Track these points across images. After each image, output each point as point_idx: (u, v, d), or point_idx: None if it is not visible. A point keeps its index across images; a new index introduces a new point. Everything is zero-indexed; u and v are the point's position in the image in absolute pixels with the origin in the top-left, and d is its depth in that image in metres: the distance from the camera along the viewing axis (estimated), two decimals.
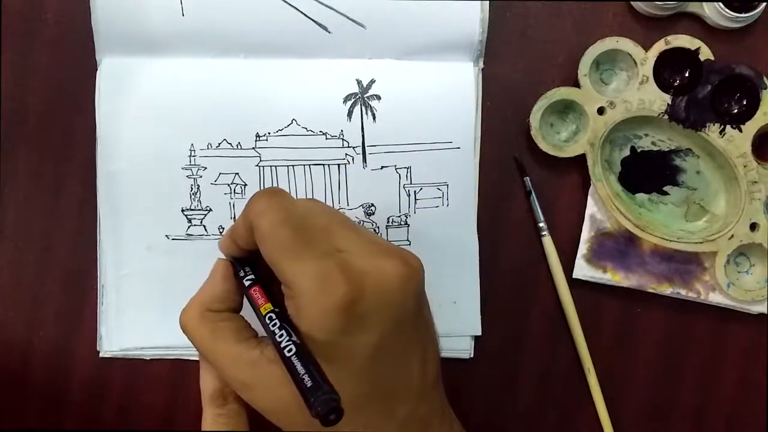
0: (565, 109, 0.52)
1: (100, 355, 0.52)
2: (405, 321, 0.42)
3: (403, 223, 0.52)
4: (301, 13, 0.50)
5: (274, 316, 0.41)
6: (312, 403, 0.36)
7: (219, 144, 0.51)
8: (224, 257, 0.45)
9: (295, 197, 0.44)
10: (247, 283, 0.43)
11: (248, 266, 0.44)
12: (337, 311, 0.39)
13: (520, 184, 0.53)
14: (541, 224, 0.53)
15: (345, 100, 0.51)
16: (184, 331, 0.44)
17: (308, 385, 0.37)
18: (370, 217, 0.52)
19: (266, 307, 0.42)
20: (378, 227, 0.52)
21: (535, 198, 0.53)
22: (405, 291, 0.41)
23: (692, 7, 0.52)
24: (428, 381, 0.44)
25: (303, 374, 0.38)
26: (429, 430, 0.44)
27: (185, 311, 0.44)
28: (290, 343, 0.39)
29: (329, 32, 0.51)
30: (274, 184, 0.52)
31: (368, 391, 0.41)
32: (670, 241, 0.52)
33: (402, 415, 0.43)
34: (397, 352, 0.42)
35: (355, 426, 0.41)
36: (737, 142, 0.51)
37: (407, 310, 0.42)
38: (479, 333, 0.53)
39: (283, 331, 0.40)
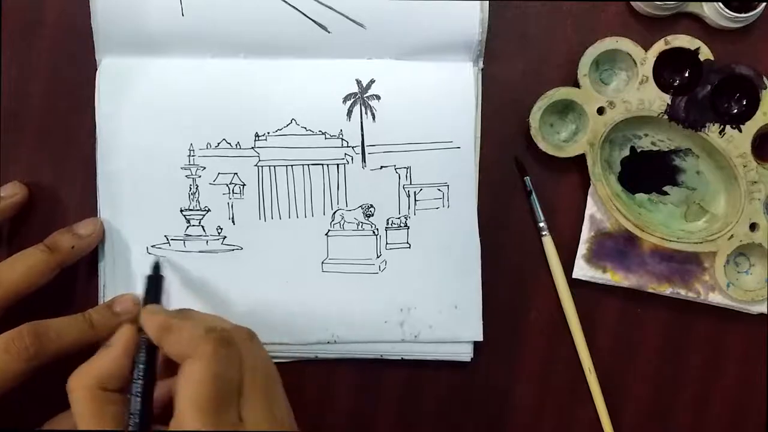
0: (564, 109, 0.52)
1: None
2: None
3: (402, 224, 0.52)
4: (301, 13, 0.50)
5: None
6: None
7: (218, 144, 0.51)
8: (129, 328, 0.45)
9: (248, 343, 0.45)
10: (140, 381, 0.44)
11: (152, 353, 0.44)
12: None
13: (520, 184, 0.53)
14: (541, 224, 0.53)
15: (344, 100, 0.51)
16: (68, 392, 0.43)
17: None
18: (369, 219, 0.52)
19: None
20: (377, 229, 0.52)
21: (535, 198, 0.53)
22: None
23: (692, 7, 0.52)
24: None
25: None
26: None
27: (76, 378, 0.43)
28: None
29: (329, 32, 0.51)
30: (273, 184, 0.52)
31: None
32: (670, 241, 0.52)
33: None
34: None
35: None
36: (737, 142, 0.51)
37: None
38: (480, 338, 0.52)
39: None
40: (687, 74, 0.52)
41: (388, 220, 0.52)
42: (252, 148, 0.51)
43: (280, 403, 0.46)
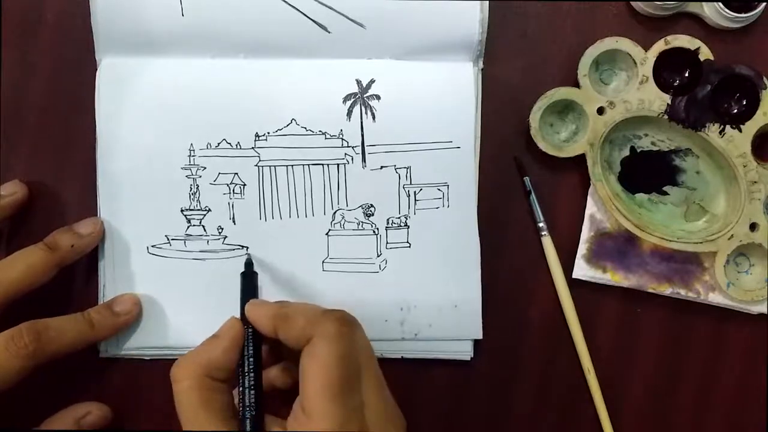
0: (564, 109, 0.52)
1: (100, 355, 0.52)
2: None
3: (402, 224, 0.52)
4: (301, 13, 0.50)
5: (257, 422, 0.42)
6: None
7: (218, 144, 0.51)
8: (238, 323, 0.45)
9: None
10: (249, 369, 0.44)
11: (256, 340, 0.45)
12: None
13: (519, 184, 0.53)
14: (541, 224, 0.53)
15: (345, 100, 0.51)
16: (173, 383, 0.43)
17: None
18: (370, 218, 0.52)
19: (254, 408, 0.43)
20: (377, 229, 0.52)
21: (534, 198, 0.53)
22: None
23: (692, 7, 0.52)
24: None
25: None
26: None
27: (182, 366, 0.43)
28: None
29: (329, 32, 0.51)
30: (274, 184, 0.52)
31: None
32: (670, 241, 0.52)
33: None
34: None
35: None
36: (737, 142, 0.51)
37: None
38: (480, 337, 0.53)
39: None
40: (687, 74, 0.52)
41: (388, 219, 0.52)
42: (252, 148, 0.51)
43: (384, 384, 0.45)
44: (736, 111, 0.52)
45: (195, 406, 0.42)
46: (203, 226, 0.52)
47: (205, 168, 0.51)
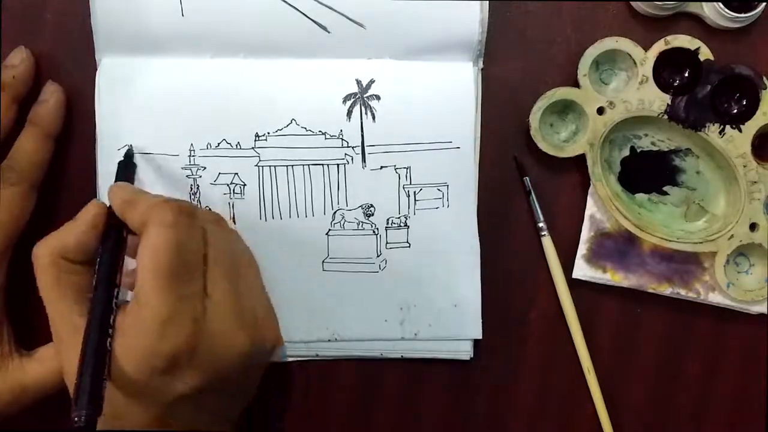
0: (564, 109, 0.52)
1: None
2: (223, 383, 0.43)
3: (402, 224, 0.52)
4: (301, 13, 0.50)
5: (104, 308, 0.41)
6: (77, 404, 0.37)
7: (218, 144, 0.51)
8: (97, 202, 0.46)
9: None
10: (104, 253, 0.44)
11: (119, 228, 0.45)
12: (162, 356, 0.40)
13: (519, 184, 0.53)
14: (541, 224, 0.53)
15: (344, 100, 0.51)
16: (33, 261, 0.44)
17: (81, 388, 0.38)
18: (369, 218, 0.52)
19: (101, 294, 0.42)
20: (377, 229, 0.52)
21: (534, 198, 0.53)
22: (236, 363, 0.43)
23: (692, 7, 0.52)
24: None
25: (89, 376, 0.38)
26: None
27: (41, 245, 0.44)
28: (100, 341, 0.40)
29: (329, 32, 0.51)
30: (274, 184, 0.52)
31: (150, 425, 0.42)
32: (670, 241, 0.52)
33: None
34: (199, 404, 0.43)
35: None
36: (737, 142, 0.51)
37: (230, 377, 0.43)
38: (480, 336, 0.53)
39: (101, 327, 0.41)
40: (687, 74, 0.52)
41: (388, 219, 0.52)
42: (252, 148, 0.51)
43: (251, 286, 0.46)
44: (736, 111, 0.52)
45: (49, 285, 0.43)
46: None
47: (205, 168, 0.51)
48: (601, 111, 0.51)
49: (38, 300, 0.44)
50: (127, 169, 0.49)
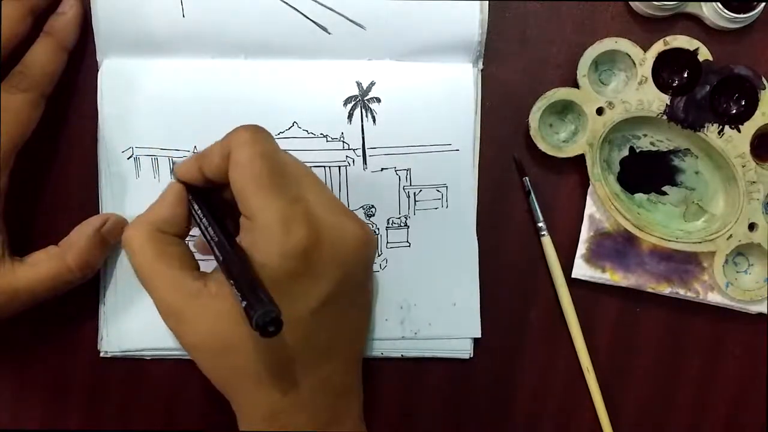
0: (564, 109, 0.53)
1: (101, 355, 0.52)
2: (352, 284, 0.44)
3: (402, 224, 0.52)
4: (301, 14, 0.50)
5: (225, 242, 0.41)
6: (251, 313, 0.37)
7: None
8: (176, 182, 0.46)
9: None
10: (200, 211, 0.44)
11: (201, 196, 0.45)
12: (295, 254, 0.40)
13: (519, 184, 0.53)
14: (540, 224, 0.53)
15: (345, 103, 0.51)
16: (125, 247, 0.44)
17: (250, 297, 0.37)
18: (370, 219, 0.52)
19: (218, 233, 0.42)
20: (378, 228, 0.52)
21: (534, 198, 0.53)
22: (359, 254, 0.43)
23: (691, 8, 0.52)
24: (355, 353, 0.46)
25: (247, 289, 0.38)
26: (339, 401, 0.45)
27: (132, 227, 0.44)
28: (238, 261, 0.40)
29: (329, 33, 0.51)
30: None
31: (300, 339, 0.42)
32: (669, 241, 0.52)
33: (322, 375, 0.43)
34: (337, 312, 0.43)
35: (273, 370, 0.42)
36: (736, 142, 0.51)
37: (357, 275, 0.44)
38: (479, 335, 0.53)
39: (233, 253, 0.40)
40: (686, 75, 0.52)
41: (388, 220, 0.53)
42: None
43: (330, 191, 0.46)
44: (734, 111, 0.52)
45: (151, 259, 0.43)
46: None
47: None
48: (600, 111, 0.51)
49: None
50: None
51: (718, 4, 0.51)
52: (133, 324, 0.52)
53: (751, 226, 0.52)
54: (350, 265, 0.43)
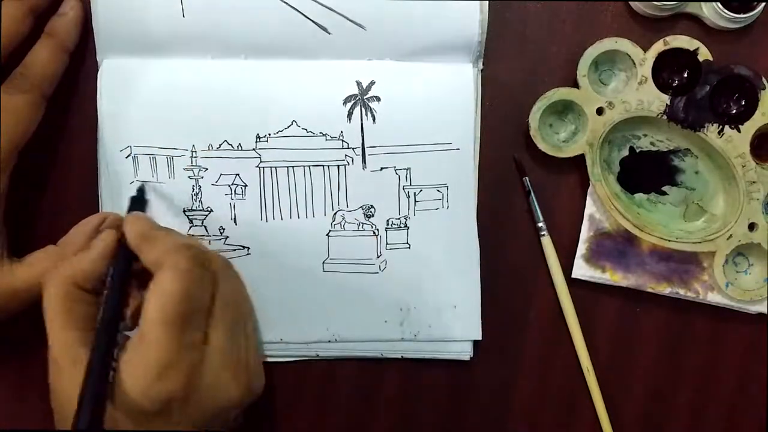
0: (564, 109, 0.53)
1: None
2: (212, 427, 0.44)
3: (402, 225, 0.52)
4: (301, 14, 0.50)
5: (109, 338, 0.42)
6: (79, 417, 0.39)
7: (220, 145, 0.51)
8: (110, 233, 0.46)
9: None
10: (113, 283, 0.44)
11: (128, 258, 0.45)
12: (158, 399, 0.41)
13: (519, 184, 0.53)
14: (540, 224, 0.53)
15: (345, 102, 0.51)
16: (42, 288, 0.44)
17: (86, 404, 0.39)
18: (370, 219, 0.52)
19: (109, 319, 0.43)
20: (377, 230, 0.52)
21: (534, 198, 0.53)
22: (225, 411, 0.44)
23: (691, 8, 0.52)
24: None
25: (90, 393, 0.40)
26: None
27: (53, 274, 0.44)
28: (103, 366, 0.41)
29: (329, 33, 0.51)
30: (275, 185, 0.52)
31: None
32: (669, 240, 0.52)
33: None
34: None
35: None
36: (736, 142, 0.51)
37: (217, 424, 0.44)
38: (479, 338, 0.53)
39: (105, 356, 0.42)
40: (686, 75, 0.52)
41: (388, 220, 0.53)
42: (254, 149, 0.51)
43: (248, 336, 0.47)
44: (734, 111, 0.52)
45: (55, 312, 0.43)
46: (205, 227, 0.52)
47: (207, 169, 0.51)
48: (600, 111, 0.51)
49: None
50: (139, 205, 0.49)
51: (718, 4, 0.51)
52: None
53: (751, 226, 0.52)
54: (209, 420, 0.44)
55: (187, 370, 0.41)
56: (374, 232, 0.52)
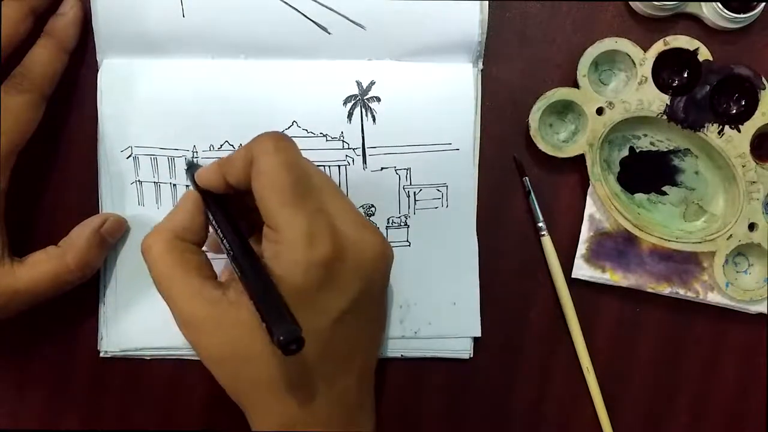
0: (564, 109, 0.53)
1: (100, 355, 0.52)
2: (370, 297, 0.44)
3: (402, 224, 0.52)
4: (301, 14, 0.50)
5: (244, 254, 0.41)
6: (274, 330, 0.36)
7: (221, 145, 0.51)
8: (193, 190, 0.46)
9: None
10: (218, 219, 0.44)
11: (218, 203, 0.45)
12: (319, 266, 0.40)
13: (519, 184, 0.53)
14: (540, 224, 0.53)
15: (345, 102, 0.51)
16: (144, 254, 0.44)
17: (272, 314, 0.37)
18: (370, 218, 0.52)
19: (235, 244, 0.42)
20: (378, 228, 0.52)
21: (534, 198, 0.53)
22: (378, 266, 0.44)
23: (691, 8, 0.52)
24: (369, 368, 0.46)
25: (269, 306, 0.38)
26: (353, 417, 0.45)
27: (151, 235, 0.44)
28: (259, 276, 0.40)
29: (329, 33, 0.51)
30: None
31: (319, 351, 0.41)
32: (669, 240, 0.52)
33: (338, 389, 0.43)
34: (355, 325, 0.43)
35: (290, 382, 0.41)
36: (736, 142, 0.51)
37: (375, 287, 0.44)
38: (479, 334, 0.53)
39: (254, 267, 0.40)
40: (686, 75, 0.52)
41: (388, 219, 0.53)
42: None
43: (350, 202, 0.46)
44: (734, 111, 0.52)
45: (170, 267, 0.43)
46: None
47: None
48: (600, 111, 0.51)
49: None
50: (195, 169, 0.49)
51: (718, 4, 0.51)
52: (133, 324, 0.52)
53: (751, 226, 0.52)
54: (369, 277, 0.43)
55: (328, 231, 0.41)
56: None
